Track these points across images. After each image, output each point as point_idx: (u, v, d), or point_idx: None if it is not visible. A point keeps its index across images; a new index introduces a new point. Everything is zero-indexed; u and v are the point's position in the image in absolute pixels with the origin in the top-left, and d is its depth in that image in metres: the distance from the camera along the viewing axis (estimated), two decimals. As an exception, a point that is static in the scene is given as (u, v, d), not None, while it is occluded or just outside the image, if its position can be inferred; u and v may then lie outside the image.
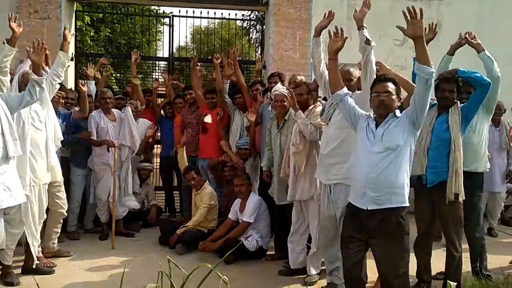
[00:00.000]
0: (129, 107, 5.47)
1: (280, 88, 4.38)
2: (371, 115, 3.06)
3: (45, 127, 4.03)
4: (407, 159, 2.88)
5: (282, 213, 4.47)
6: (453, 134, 3.53)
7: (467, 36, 3.91)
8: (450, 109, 3.62)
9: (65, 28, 4.57)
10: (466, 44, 3.93)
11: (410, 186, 3.91)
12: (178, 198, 6.65)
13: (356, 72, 3.64)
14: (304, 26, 6.54)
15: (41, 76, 3.78)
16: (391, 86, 2.93)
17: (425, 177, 3.63)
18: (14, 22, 3.83)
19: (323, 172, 3.62)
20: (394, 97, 2.93)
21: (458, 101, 3.68)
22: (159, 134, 6.71)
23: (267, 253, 4.80)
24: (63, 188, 4.53)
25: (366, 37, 3.26)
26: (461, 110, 3.63)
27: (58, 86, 4.31)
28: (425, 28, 3.90)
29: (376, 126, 2.94)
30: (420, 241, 3.78)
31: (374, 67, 3.34)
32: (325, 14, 3.73)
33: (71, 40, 6.25)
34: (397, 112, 2.96)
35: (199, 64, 6.10)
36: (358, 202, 2.93)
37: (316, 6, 6.60)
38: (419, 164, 3.60)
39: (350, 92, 3.26)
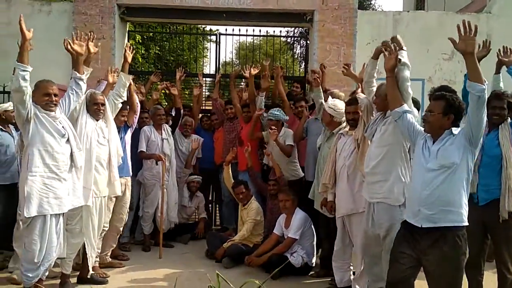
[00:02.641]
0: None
1: (329, 103, 4.40)
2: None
3: (108, 143, 4.27)
4: (464, 177, 2.84)
5: (327, 228, 4.47)
6: (504, 150, 3.47)
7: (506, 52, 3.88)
8: (500, 126, 3.57)
9: (125, 50, 4.80)
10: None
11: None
12: (212, 211, 6.82)
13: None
14: (349, 41, 6.55)
15: (82, 69, 3.98)
16: (437, 105, 2.91)
17: (476, 195, 3.56)
18: (92, 42, 4.14)
19: (366, 189, 3.63)
20: (437, 115, 2.90)
21: (509, 118, 3.61)
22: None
23: (312, 269, 4.80)
24: (125, 204, 4.79)
25: (401, 60, 3.27)
26: (510, 125, 3.56)
27: (120, 105, 4.57)
28: (479, 45, 3.87)
29: (433, 143, 2.93)
30: (471, 262, 3.63)
31: (406, 86, 3.30)
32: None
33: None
34: (454, 129, 2.92)
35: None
36: (412, 220, 2.91)
37: (361, 21, 6.62)
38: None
39: (410, 110, 3.23)
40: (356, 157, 3.89)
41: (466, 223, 2.85)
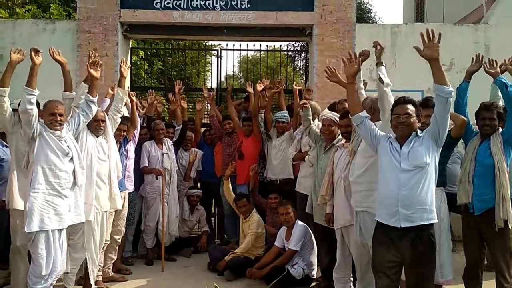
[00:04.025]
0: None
1: (328, 113, 4.53)
2: (391, 135, 3.16)
3: (108, 159, 4.36)
4: (433, 176, 2.99)
5: (326, 238, 4.50)
6: (496, 160, 3.53)
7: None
8: (491, 136, 3.64)
9: (120, 66, 4.91)
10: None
11: (458, 214, 3.91)
12: (213, 224, 6.89)
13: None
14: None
15: (96, 93, 4.13)
16: (410, 108, 3.04)
17: (471, 205, 3.60)
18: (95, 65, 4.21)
19: (353, 198, 3.71)
20: (414, 118, 3.04)
21: (500, 128, 3.67)
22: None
23: (313, 281, 4.82)
24: (124, 216, 4.88)
25: (379, 75, 3.37)
26: (501, 135, 3.63)
27: (119, 121, 4.65)
28: (472, 58, 3.96)
29: (400, 146, 3.04)
30: (469, 272, 3.70)
31: (391, 100, 3.38)
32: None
33: (128, 75, 6.72)
34: (418, 131, 3.07)
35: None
36: (389, 221, 3.00)
37: (359, 34, 6.71)
38: (465, 193, 3.61)
39: (369, 116, 3.36)
40: (352, 169, 3.94)
41: (437, 220, 3.00)
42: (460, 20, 9.34)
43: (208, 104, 6.83)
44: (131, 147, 5.15)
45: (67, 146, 3.77)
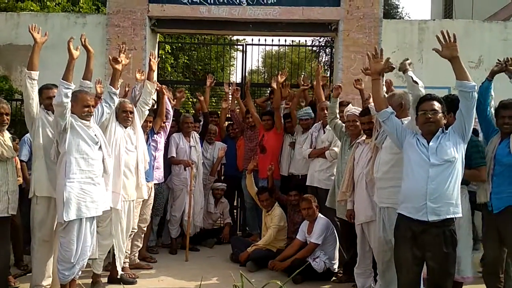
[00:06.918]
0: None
1: (352, 109, 4.57)
2: (417, 132, 3.18)
3: (136, 149, 4.47)
4: (460, 172, 3.04)
5: (348, 233, 4.54)
6: None
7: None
8: (511, 134, 3.59)
9: (150, 59, 5.02)
10: None
11: (479, 211, 3.89)
12: (236, 216, 7.00)
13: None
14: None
15: (117, 85, 4.26)
16: (437, 105, 3.07)
17: (490, 203, 3.58)
18: (124, 53, 4.42)
19: (377, 194, 3.71)
20: (440, 115, 3.06)
21: None
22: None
23: (335, 274, 4.87)
24: (149, 206, 5.00)
25: (412, 78, 3.36)
26: None
27: (147, 113, 4.77)
28: (498, 60, 3.91)
29: (427, 141, 3.07)
30: (489, 269, 3.67)
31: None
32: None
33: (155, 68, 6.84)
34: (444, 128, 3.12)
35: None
36: (416, 215, 3.02)
37: (386, 30, 6.69)
38: (483, 191, 3.60)
39: (395, 112, 3.39)
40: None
41: (461, 215, 3.06)
42: (489, 17, 9.18)
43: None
44: (161, 139, 5.28)
45: (95, 135, 3.87)
